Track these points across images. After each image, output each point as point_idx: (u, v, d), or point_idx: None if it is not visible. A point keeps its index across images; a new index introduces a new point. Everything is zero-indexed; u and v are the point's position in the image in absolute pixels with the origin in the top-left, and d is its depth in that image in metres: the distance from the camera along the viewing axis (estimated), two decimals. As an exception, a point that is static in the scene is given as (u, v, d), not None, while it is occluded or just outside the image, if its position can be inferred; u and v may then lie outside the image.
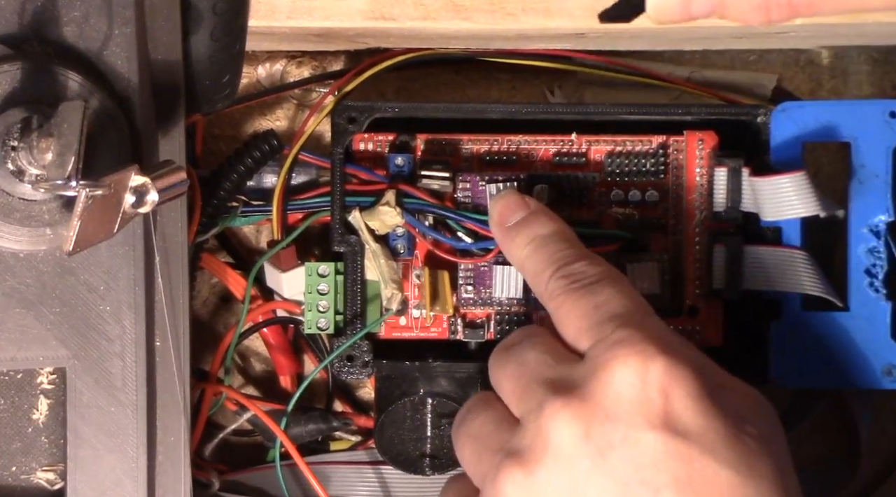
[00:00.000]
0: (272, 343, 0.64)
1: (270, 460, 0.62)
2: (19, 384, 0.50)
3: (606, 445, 0.44)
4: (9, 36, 0.47)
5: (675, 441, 0.43)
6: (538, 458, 0.44)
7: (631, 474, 0.43)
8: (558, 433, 0.44)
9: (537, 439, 0.45)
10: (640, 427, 0.44)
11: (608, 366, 0.44)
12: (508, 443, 0.46)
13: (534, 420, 0.45)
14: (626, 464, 0.43)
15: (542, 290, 0.49)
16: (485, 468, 0.46)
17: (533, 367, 0.47)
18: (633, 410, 0.44)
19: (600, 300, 0.47)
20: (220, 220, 0.60)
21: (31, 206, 0.47)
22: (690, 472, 0.43)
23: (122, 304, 0.49)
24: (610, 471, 0.43)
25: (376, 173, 0.58)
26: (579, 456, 0.44)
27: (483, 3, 0.55)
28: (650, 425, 0.44)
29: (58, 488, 0.50)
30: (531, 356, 0.48)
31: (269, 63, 0.64)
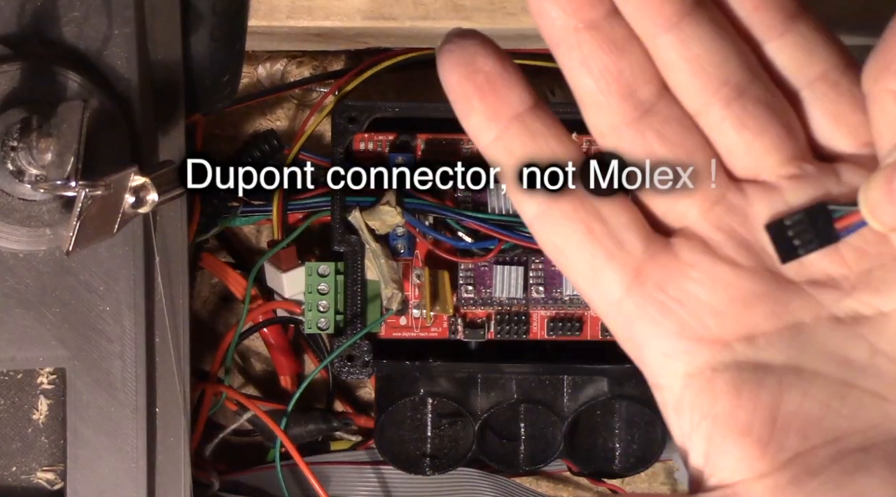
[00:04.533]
0: (272, 343, 0.64)
1: (270, 460, 0.62)
2: (19, 384, 0.50)
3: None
4: (9, 36, 0.47)
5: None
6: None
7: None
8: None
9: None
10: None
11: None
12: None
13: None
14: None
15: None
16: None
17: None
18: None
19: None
20: (220, 220, 0.60)
21: (31, 206, 0.47)
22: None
23: (122, 304, 0.49)
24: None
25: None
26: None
27: (483, 3, 0.55)
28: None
29: (58, 488, 0.50)
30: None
31: (269, 63, 0.64)
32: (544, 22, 0.34)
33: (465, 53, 0.34)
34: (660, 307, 0.34)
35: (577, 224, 0.35)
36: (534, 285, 0.58)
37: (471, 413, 0.59)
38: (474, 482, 0.63)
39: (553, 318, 0.59)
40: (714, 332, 0.34)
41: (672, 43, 0.33)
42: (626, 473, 0.62)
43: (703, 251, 0.34)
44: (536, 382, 0.60)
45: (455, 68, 0.34)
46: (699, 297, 0.34)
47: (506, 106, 0.34)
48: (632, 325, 0.35)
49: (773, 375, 0.34)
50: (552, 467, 0.64)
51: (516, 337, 0.59)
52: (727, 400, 0.34)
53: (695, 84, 0.34)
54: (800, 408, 0.33)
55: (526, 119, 0.34)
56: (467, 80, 0.34)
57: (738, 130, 0.34)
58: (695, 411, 0.34)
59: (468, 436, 0.60)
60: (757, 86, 0.34)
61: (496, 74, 0.34)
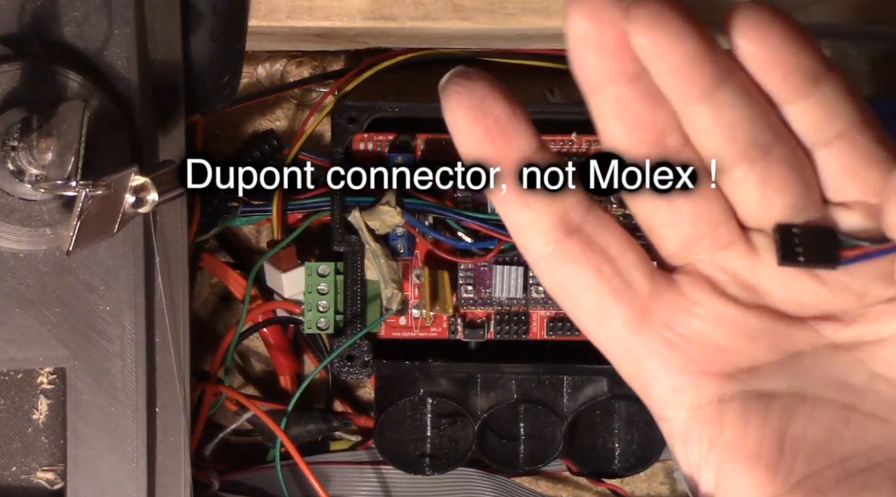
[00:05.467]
0: (272, 343, 0.64)
1: (270, 460, 0.62)
2: (19, 384, 0.50)
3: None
4: (9, 36, 0.47)
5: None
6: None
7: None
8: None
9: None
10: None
11: None
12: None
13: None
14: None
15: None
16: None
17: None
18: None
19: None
20: (220, 220, 0.60)
21: (31, 206, 0.47)
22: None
23: (122, 304, 0.49)
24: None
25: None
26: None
27: (483, 3, 0.55)
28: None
29: (58, 488, 0.50)
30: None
31: (269, 63, 0.64)
32: (584, 70, 0.34)
33: (474, 94, 0.34)
34: (666, 344, 0.35)
35: (586, 264, 0.35)
36: (533, 285, 0.58)
37: (470, 413, 0.59)
38: (474, 482, 0.63)
39: (553, 318, 0.59)
40: (719, 366, 0.35)
41: (705, 111, 0.34)
42: (626, 473, 0.62)
43: (709, 290, 0.35)
44: (536, 382, 0.60)
45: (464, 110, 0.34)
46: (705, 334, 0.35)
47: (515, 150, 0.35)
48: (638, 362, 0.35)
49: (778, 402, 0.35)
50: (552, 467, 0.64)
51: (516, 337, 0.59)
52: (735, 428, 0.34)
53: (723, 148, 0.34)
54: (805, 432, 0.34)
55: (533, 161, 0.35)
56: (477, 123, 0.34)
57: (761, 188, 0.34)
58: (703, 441, 0.35)
59: (468, 436, 0.60)
60: (780, 146, 0.34)
61: (506, 118, 0.34)
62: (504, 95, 0.34)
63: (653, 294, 0.35)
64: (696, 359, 0.35)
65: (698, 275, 0.35)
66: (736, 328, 0.35)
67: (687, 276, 0.35)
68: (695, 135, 0.34)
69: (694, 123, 0.34)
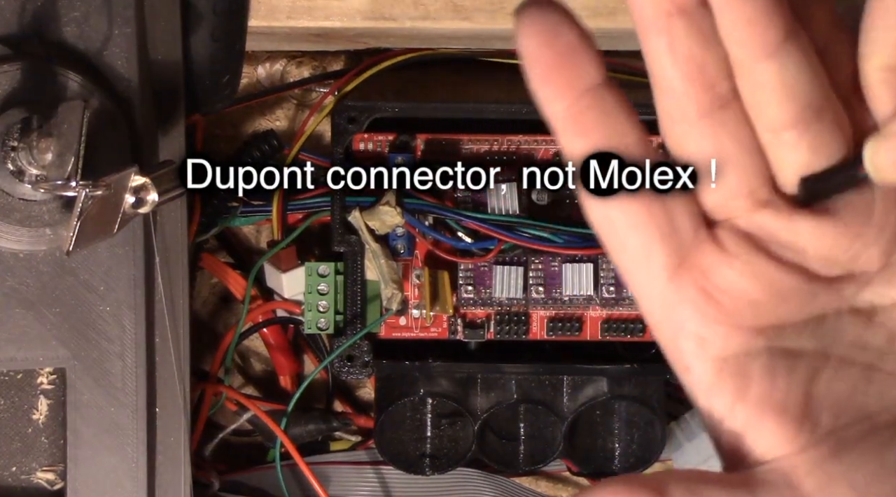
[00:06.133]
0: (272, 343, 0.64)
1: (270, 460, 0.62)
2: (19, 384, 0.50)
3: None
4: (9, 36, 0.47)
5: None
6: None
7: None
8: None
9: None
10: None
11: None
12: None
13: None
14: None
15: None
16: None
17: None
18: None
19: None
20: (220, 220, 0.60)
21: (31, 206, 0.47)
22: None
23: (122, 304, 0.49)
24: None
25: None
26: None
27: (483, 3, 0.55)
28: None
29: (58, 488, 0.50)
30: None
31: (269, 63, 0.64)
32: (638, 5, 0.34)
33: (547, 20, 0.34)
34: (701, 293, 0.35)
35: (640, 203, 0.35)
36: (533, 285, 0.58)
37: (470, 413, 0.59)
38: (474, 482, 0.63)
39: (553, 319, 0.59)
40: (749, 321, 0.35)
41: (768, 69, 0.34)
42: (626, 473, 0.62)
43: (748, 245, 0.35)
44: (536, 382, 0.60)
45: (537, 34, 0.34)
46: (739, 287, 0.35)
47: (583, 77, 0.34)
48: (670, 309, 0.36)
49: (803, 360, 0.35)
50: (552, 467, 0.64)
51: (516, 337, 0.59)
52: (761, 382, 0.35)
53: (781, 106, 0.34)
54: (829, 389, 0.35)
55: (600, 92, 0.35)
56: (548, 47, 0.34)
57: (813, 152, 0.35)
58: (728, 394, 0.35)
59: (468, 436, 0.60)
60: (831, 109, 0.35)
61: (577, 44, 0.34)
62: (577, 25, 0.34)
63: (696, 243, 0.35)
64: (729, 311, 0.35)
65: (738, 230, 0.35)
66: (770, 285, 0.35)
67: (728, 231, 0.36)
68: (751, 92, 0.34)
69: (756, 80, 0.34)
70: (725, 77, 0.34)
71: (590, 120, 0.35)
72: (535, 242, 0.57)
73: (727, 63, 0.34)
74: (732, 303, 0.35)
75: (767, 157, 0.35)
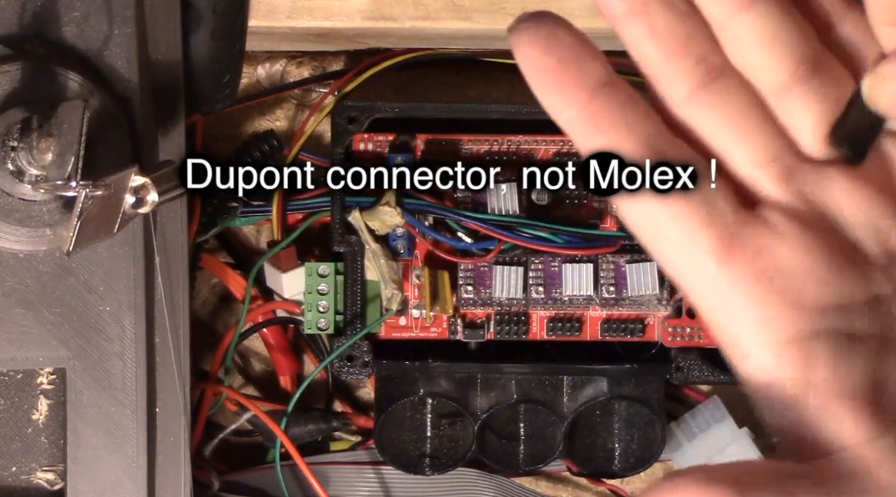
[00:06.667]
0: (272, 343, 0.64)
1: (270, 460, 0.62)
2: (19, 384, 0.50)
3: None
4: (9, 36, 0.47)
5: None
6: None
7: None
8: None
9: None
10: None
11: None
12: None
13: None
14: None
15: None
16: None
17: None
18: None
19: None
20: (220, 220, 0.60)
21: (31, 206, 0.47)
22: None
23: (122, 304, 0.49)
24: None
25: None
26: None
27: (483, 3, 0.55)
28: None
29: (58, 488, 0.50)
30: None
31: (269, 63, 0.64)
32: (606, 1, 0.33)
33: (542, 29, 0.34)
34: (755, 274, 0.33)
35: (675, 193, 0.34)
36: (533, 286, 0.58)
37: (470, 413, 0.59)
38: (474, 482, 0.63)
39: (552, 319, 0.59)
40: (811, 300, 0.34)
41: (750, 21, 0.33)
42: (626, 473, 0.62)
43: (794, 220, 0.34)
44: (536, 383, 0.60)
45: (534, 43, 0.34)
46: (794, 263, 0.34)
47: (590, 77, 0.34)
48: (723, 294, 0.34)
49: (866, 344, 0.34)
50: (552, 467, 0.64)
51: (516, 337, 0.59)
52: (827, 367, 0.33)
53: (773, 63, 0.34)
54: (893, 374, 0.33)
55: (609, 89, 0.34)
56: (548, 54, 0.33)
57: (823, 104, 0.34)
58: (791, 381, 0.34)
59: (468, 436, 0.60)
60: (828, 62, 0.34)
61: (578, 46, 0.33)
62: (572, 28, 0.34)
63: (739, 223, 0.34)
64: (787, 289, 0.34)
65: (780, 206, 0.34)
66: (825, 259, 0.34)
67: (772, 209, 0.34)
68: (740, 54, 0.34)
69: (739, 38, 0.34)
70: (715, 50, 0.34)
71: (607, 117, 0.34)
72: (535, 242, 0.57)
73: (713, 37, 0.34)
74: (790, 282, 0.33)
75: (783, 124, 0.34)
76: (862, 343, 0.34)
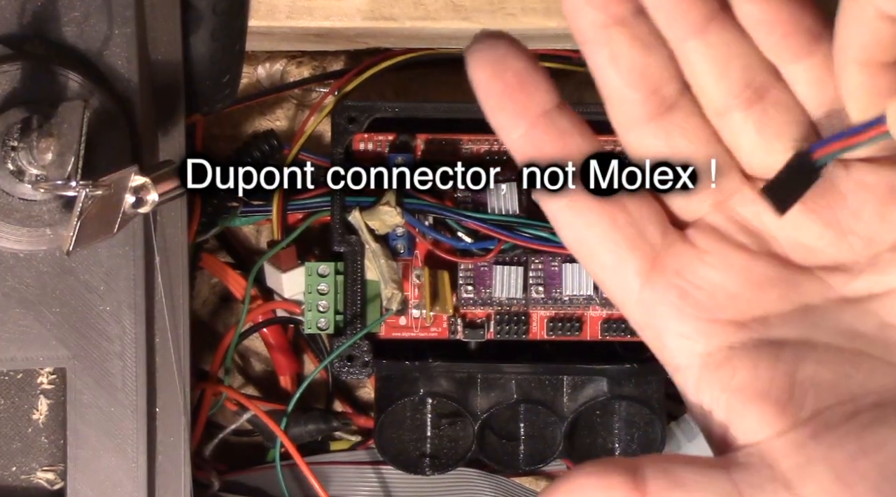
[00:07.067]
0: (272, 343, 0.64)
1: (270, 460, 0.62)
2: (19, 384, 0.50)
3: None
4: (9, 36, 0.47)
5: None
6: None
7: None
8: None
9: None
10: None
11: None
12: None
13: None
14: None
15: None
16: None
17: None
18: None
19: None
20: (220, 220, 0.60)
21: (31, 206, 0.47)
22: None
23: (122, 304, 0.49)
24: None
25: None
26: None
27: (483, 3, 0.55)
28: None
29: (58, 488, 0.50)
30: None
31: (269, 63, 0.64)
32: (576, 18, 0.35)
33: (495, 53, 0.35)
34: (679, 292, 0.36)
35: (602, 215, 0.36)
36: (533, 285, 0.58)
37: (470, 413, 0.59)
38: (474, 482, 0.63)
39: (552, 319, 0.59)
40: (730, 314, 0.36)
41: (699, 47, 0.35)
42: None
43: (718, 239, 0.36)
44: (536, 382, 0.60)
45: (485, 66, 0.35)
46: (715, 282, 0.36)
47: (534, 103, 0.36)
48: (651, 311, 0.36)
49: (788, 349, 0.35)
50: (552, 467, 0.64)
51: (516, 337, 0.59)
52: (745, 372, 0.35)
53: (720, 86, 0.35)
54: (815, 375, 0.35)
55: (553, 116, 0.36)
56: (497, 78, 0.35)
57: (760, 131, 0.35)
58: (714, 387, 0.36)
59: (468, 436, 0.60)
60: (776, 91, 0.35)
61: (525, 73, 0.35)
62: (524, 52, 0.35)
63: (665, 245, 0.36)
64: (707, 306, 0.36)
65: (708, 227, 0.36)
66: (746, 276, 0.36)
67: (697, 230, 0.36)
68: (692, 76, 0.35)
69: (691, 61, 0.35)
70: (671, 79, 0.35)
71: (545, 143, 0.36)
72: (535, 242, 0.57)
73: (671, 65, 0.35)
74: (710, 298, 0.36)
75: (727, 143, 0.36)
76: (784, 348, 0.35)
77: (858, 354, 0.35)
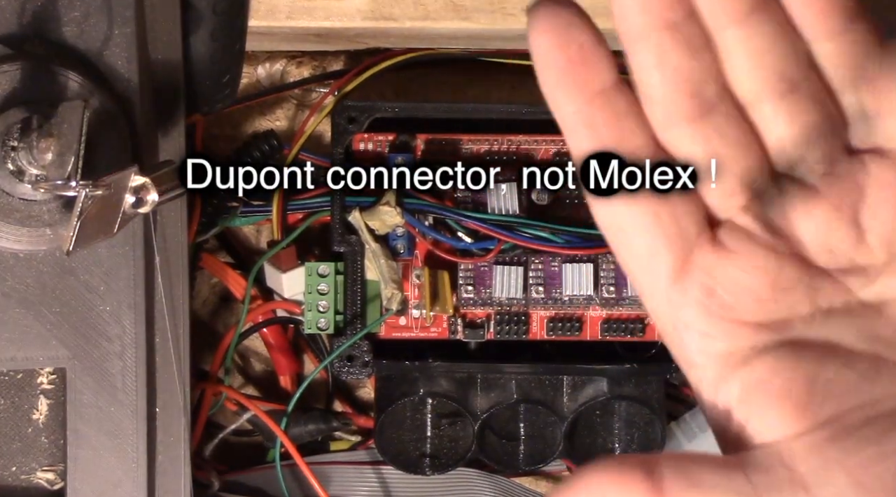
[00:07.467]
0: (272, 343, 0.64)
1: (270, 460, 0.62)
2: (19, 384, 0.50)
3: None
4: (9, 36, 0.47)
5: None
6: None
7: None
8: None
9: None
10: None
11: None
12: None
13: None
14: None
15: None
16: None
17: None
18: None
19: None
20: (220, 220, 0.60)
21: (31, 206, 0.47)
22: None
23: (122, 304, 0.49)
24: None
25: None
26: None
27: (483, 3, 0.55)
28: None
29: (58, 488, 0.50)
30: None
31: (269, 63, 0.64)
32: (624, 19, 0.34)
33: (559, 20, 0.34)
34: (705, 291, 0.36)
35: (647, 207, 0.36)
36: (533, 285, 0.58)
37: (470, 413, 0.59)
38: (474, 482, 0.63)
39: (553, 319, 0.59)
40: (754, 316, 0.36)
41: (738, 36, 0.35)
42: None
43: (746, 240, 0.36)
44: (536, 382, 0.60)
45: (549, 34, 0.34)
46: (742, 283, 0.36)
47: (595, 80, 0.35)
48: (675, 308, 0.36)
49: (809, 351, 0.35)
50: (552, 467, 0.64)
51: (516, 337, 0.59)
52: (766, 372, 0.35)
53: (754, 77, 0.35)
54: (836, 377, 0.35)
55: (610, 95, 0.35)
56: (561, 50, 0.34)
57: (789, 125, 0.35)
58: (733, 385, 0.36)
59: (468, 436, 0.60)
60: (809, 84, 0.35)
61: (589, 47, 0.34)
62: (590, 25, 0.35)
63: (698, 244, 0.36)
64: (733, 307, 0.36)
65: (736, 227, 0.36)
66: (772, 278, 0.36)
67: (727, 230, 0.36)
68: (728, 63, 0.35)
69: (728, 51, 0.35)
70: (711, 81, 0.35)
71: (600, 122, 0.35)
72: (535, 242, 0.57)
73: (713, 67, 0.35)
74: (735, 299, 0.36)
75: (759, 133, 0.36)
76: (806, 350, 0.35)
77: (878, 359, 0.35)
